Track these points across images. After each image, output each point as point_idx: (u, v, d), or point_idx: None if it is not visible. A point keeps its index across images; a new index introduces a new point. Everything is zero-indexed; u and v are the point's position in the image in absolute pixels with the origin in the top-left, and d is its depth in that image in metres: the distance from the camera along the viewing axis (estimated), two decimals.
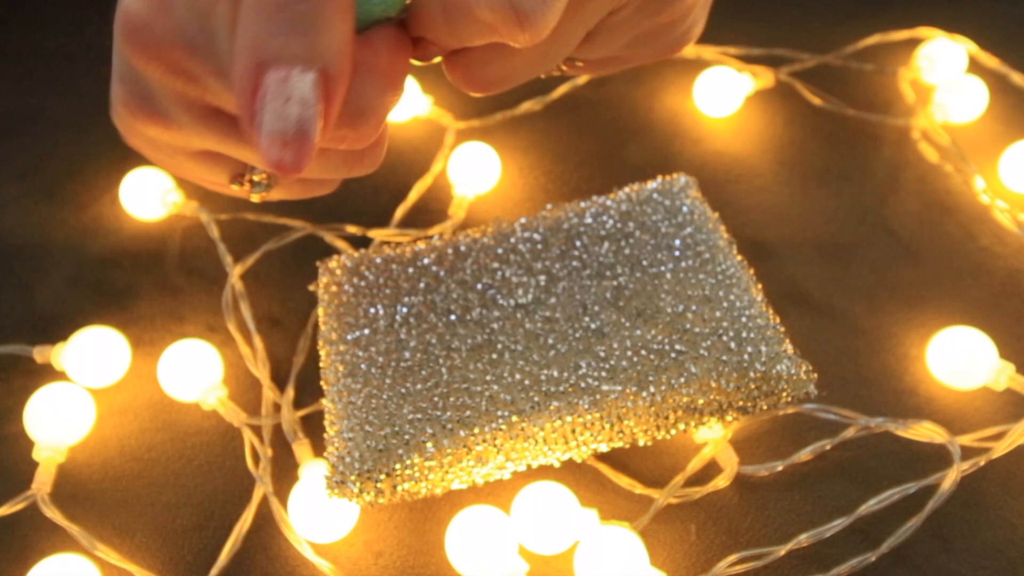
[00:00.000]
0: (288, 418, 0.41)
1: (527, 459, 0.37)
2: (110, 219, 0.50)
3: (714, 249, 0.41)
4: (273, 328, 0.45)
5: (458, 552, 0.37)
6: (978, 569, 0.37)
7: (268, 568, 0.38)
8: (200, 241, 0.48)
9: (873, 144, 0.52)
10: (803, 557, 0.37)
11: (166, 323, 0.45)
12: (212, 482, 0.40)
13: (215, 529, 0.39)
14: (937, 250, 0.47)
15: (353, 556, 0.38)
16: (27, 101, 0.56)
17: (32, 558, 0.38)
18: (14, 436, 0.42)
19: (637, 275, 0.40)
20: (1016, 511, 0.38)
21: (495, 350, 0.38)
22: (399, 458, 0.35)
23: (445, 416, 0.36)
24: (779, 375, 0.37)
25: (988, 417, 0.41)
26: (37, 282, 0.47)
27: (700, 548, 0.38)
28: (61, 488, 0.40)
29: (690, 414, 0.37)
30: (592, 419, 0.36)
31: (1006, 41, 0.55)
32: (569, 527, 0.37)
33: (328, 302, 0.41)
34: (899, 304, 0.45)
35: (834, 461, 0.40)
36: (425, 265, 0.41)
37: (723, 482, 0.39)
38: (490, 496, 0.39)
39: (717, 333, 0.38)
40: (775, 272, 0.46)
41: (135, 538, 0.39)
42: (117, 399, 0.43)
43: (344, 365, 0.38)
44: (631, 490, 0.39)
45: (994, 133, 0.52)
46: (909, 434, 0.39)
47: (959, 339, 0.42)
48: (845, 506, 0.38)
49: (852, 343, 0.44)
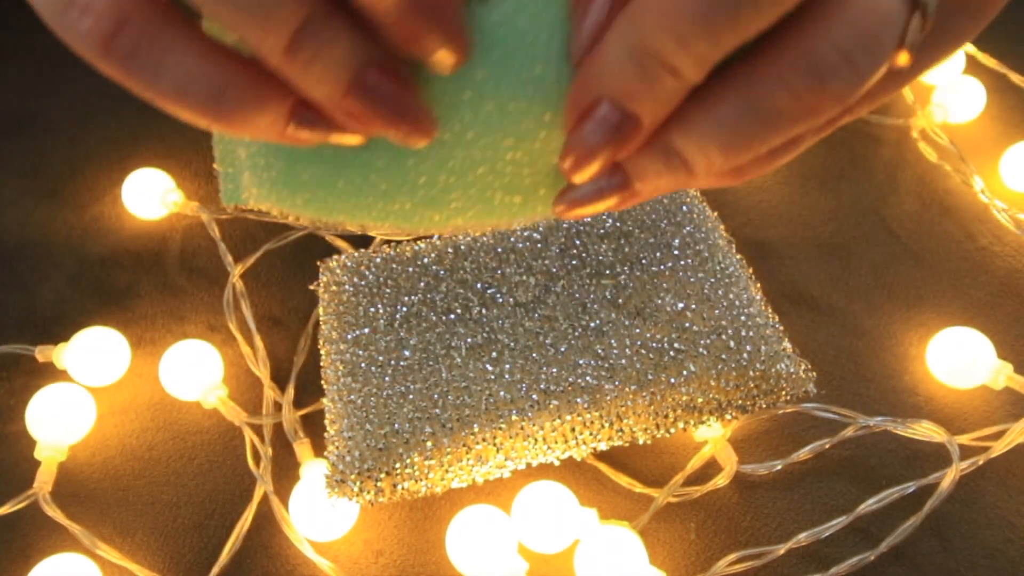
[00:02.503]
0: (289, 417, 0.41)
1: (527, 458, 0.37)
2: (111, 219, 0.50)
3: (713, 248, 0.41)
4: (274, 327, 0.45)
5: (458, 551, 0.37)
6: (977, 568, 0.37)
7: (269, 567, 0.38)
8: (201, 241, 0.49)
9: (872, 144, 0.52)
10: (802, 556, 0.37)
11: (167, 323, 0.46)
12: (213, 481, 0.41)
13: (216, 528, 0.39)
14: (936, 250, 0.47)
15: (353, 555, 0.38)
16: (27, 101, 0.56)
17: (33, 557, 0.38)
18: (16, 435, 0.42)
19: (636, 274, 0.40)
20: (1015, 510, 0.38)
21: (495, 349, 0.38)
22: (399, 457, 0.35)
23: (445, 415, 0.36)
24: (778, 374, 0.37)
25: (987, 416, 0.41)
26: (38, 282, 0.48)
27: (699, 547, 0.38)
28: (62, 487, 0.40)
29: (689, 413, 0.37)
30: (591, 418, 0.36)
31: (1005, 41, 0.55)
32: (569, 526, 0.37)
33: (328, 301, 0.41)
34: (899, 304, 0.45)
35: (833, 460, 0.40)
36: (425, 264, 0.42)
37: (722, 481, 0.39)
38: (490, 495, 0.39)
39: (716, 332, 0.38)
40: (775, 271, 0.46)
41: (136, 537, 0.39)
42: (118, 398, 0.43)
43: (344, 364, 0.39)
44: (631, 489, 0.39)
45: (993, 133, 0.52)
46: (908, 433, 0.39)
47: (958, 339, 0.42)
48: (844, 505, 0.38)
49: (852, 343, 0.44)
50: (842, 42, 0.19)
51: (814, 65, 0.19)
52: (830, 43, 0.19)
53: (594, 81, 0.20)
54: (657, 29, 0.19)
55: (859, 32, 0.19)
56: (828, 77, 0.19)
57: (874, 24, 0.19)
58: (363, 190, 0.23)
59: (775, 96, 0.20)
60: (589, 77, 0.20)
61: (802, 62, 0.19)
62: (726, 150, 0.21)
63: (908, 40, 0.20)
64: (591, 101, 0.20)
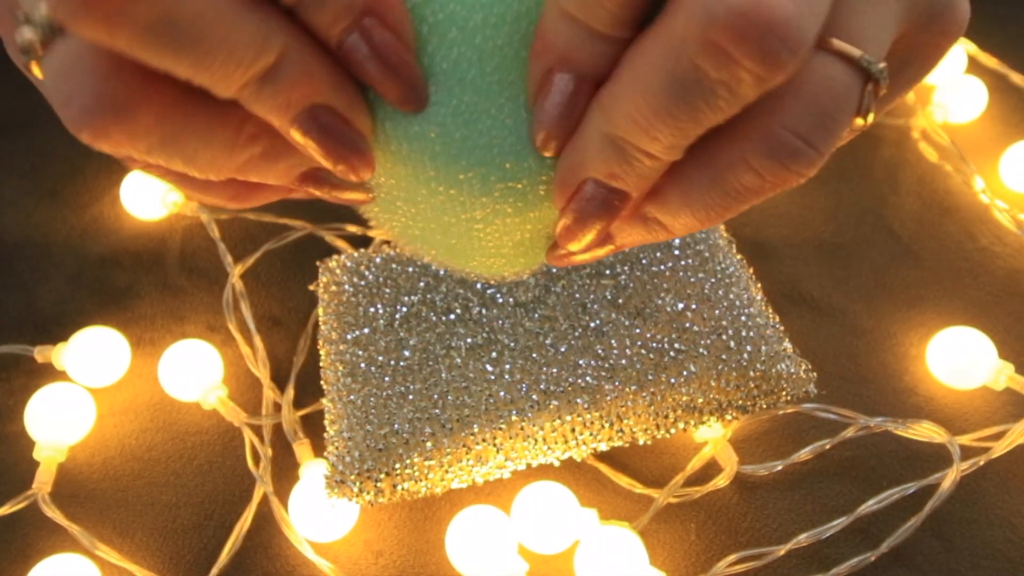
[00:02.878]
0: (288, 418, 0.41)
1: (527, 458, 0.37)
2: (111, 219, 0.50)
3: (713, 248, 0.41)
4: (273, 328, 0.45)
5: (458, 551, 0.37)
6: (978, 568, 0.37)
7: (268, 567, 0.38)
8: (200, 241, 0.48)
9: (873, 144, 0.52)
10: (803, 557, 0.37)
11: (166, 323, 0.45)
12: (212, 481, 0.41)
13: (215, 528, 0.39)
14: (937, 250, 0.47)
15: (353, 555, 0.38)
16: (27, 101, 0.56)
17: (33, 557, 0.38)
18: (15, 435, 0.42)
19: (636, 274, 0.40)
20: (1016, 510, 0.38)
21: (495, 349, 0.38)
22: (399, 457, 0.35)
23: (445, 415, 0.36)
24: (779, 374, 0.37)
25: (987, 417, 0.41)
26: (38, 282, 0.48)
27: (700, 548, 0.38)
28: (61, 488, 0.40)
29: (690, 413, 0.37)
30: (591, 418, 0.36)
31: (1005, 41, 0.55)
32: (569, 527, 0.37)
33: (328, 301, 0.41)
34: (899, 304, 0.45)
35: (834, 461, 0.40)
36: (425, 264, 0.42)
37: (723, 481, 0.39)
38: (490, 496, 0.39)
39: (716, 332, 0.38)
40: (775, 271, 0.46)
41: (135, 537, 0.39)
42: (117, 399, 0.43)
43: (344, 364, 0.38)
44: (631, 489, 0.39)
45: (993, 133, 0.52)
46: (909, 434, 0.39)
47: (959, 339, 0.42)
48: (845, 506, 0.38)
49: (852, 343, 0.44)
50: (798, 125, 0.20)
51: (774, 149, 0.20)
52: (788, 126, 0.20)
53: (578, 164, 0.21)
54: (626, 121, 0.20)
55: (815, 113, 0.20)
56: (788, 158, 0.20)
57: (828, 103, 0.20)
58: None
59: (742, 177, 0.21)
60: (572, 161, 0.22)
61: (763, 147, 0.20)
62: (701, 219, 0.22)
63: (864, 107, 0.21)
64: (578, 182, 0.22)
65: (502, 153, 0.22)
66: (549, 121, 0.21)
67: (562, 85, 0.21)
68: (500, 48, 0.21)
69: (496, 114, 0.21)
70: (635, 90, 0.19)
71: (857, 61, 0.20)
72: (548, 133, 0.21)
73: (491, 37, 0.21)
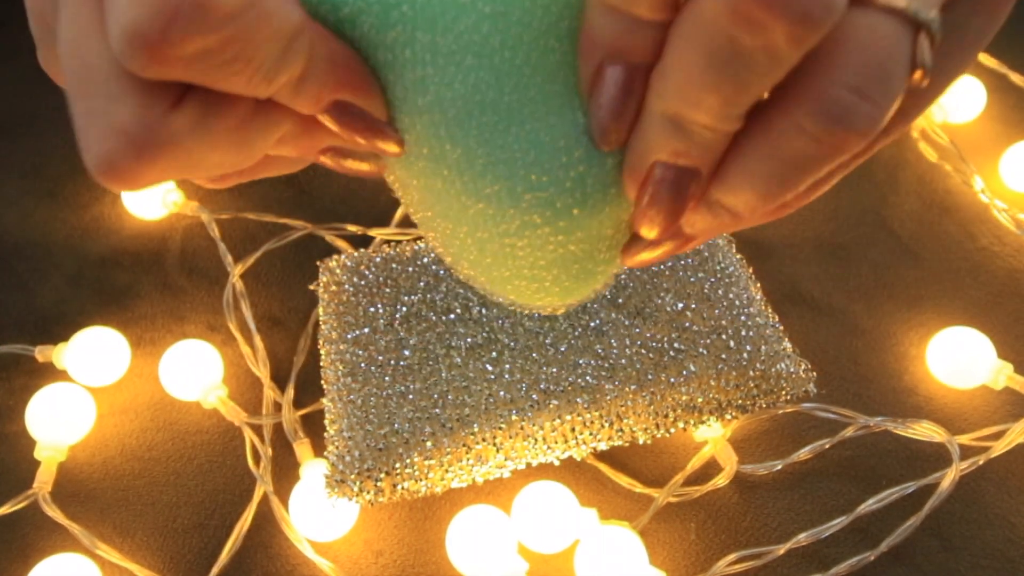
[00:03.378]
0: (288, 417, 0.41)
1: (527, 458, 0.37)
2: (111, 219, 0.50)
3: (713, 247, 0.41)
4: (273, 327, 0.45)
5: (458, 551, 0.37)
6: (977, 568, 0.37)
7: (268, 567, 0.38)
8: (201, 241, 0.48)
9: None
10: (802, 556, 0.37)
11: (167, 323, 0.46)
12: (212, 481, 0.41)
13: (216, 528, 0.39)
14: (936, 250, 0.47)
15: (353, 555, 0.38)
16: (27, 101, 0.56)
17: (33, 557, 0.38)
18: (15, 435, 0.42)
19: (636, 273, 0.40)
20: (1015, 510, 0.38)
21: (495, 349, 0.38)
22: (399, 457, 0.35)
23: (445, 415, 0.36)
24: (778, 374, 0.37)
25: (987, 416, 0.41)
26: (38, 282, 0.48)
27: (699, 547, 0.38)
28: (62, 487, 0.40)
29: (689, 412, 0.37)
30: (591, 418, 0.36)
31: (1005, 41, 0.55)
32: (569, 526, 0.37)
33: (328, 301, 0.41)
34: (899, 304, 0.45)
35: (833, 460, 0.40)
36: (425, 264, 0.42)
37: (722, 481, 0.39)
38: (490, 495, 0.39)
39: (716, 332, 0.38)
40: (775, 271, 0.46)
41: (136, 537, 0.39)
42: (118, 398, 0.43)
43: (344, 364, 0.39)
44: (631, 489, 0.39)
45: (993, 133, 0.52)
46: (908, 433, 0.39)
47: (958, 339, 0.42)
48: (844, 505, 0.38)
49: (852, 342, 0.44)
50: (851, 80, 0.19)
51: (828, 109, 0.20)
52: (840, 83, 0.19)
53: (643, 150, 0.22)
54: (678, 99, 0.20)
55: (866, 66, 0.19)
56: (845, 117, 0.20)
57: (879, 55, 0.19)
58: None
59: (798, 144, 0.20)
60: (637, 148, 0.22)
61: (816, 108, 0.20)
62: (764, 197, 0.22)
63: (919, 60, 0.20)
64: (647, 167, 0.22)
65: (526, 165, 0.22)
66: (606, 115, 0.21)
67: (615, 77, 0.21)
68: (519, 68, 0.21)
69: (517, 131, 0.22)
70: (680, 68, 0.19)
71: (903, 11, 0.19)
72: (607, 127, 0.21)
73: (509, 59, 0.21)
